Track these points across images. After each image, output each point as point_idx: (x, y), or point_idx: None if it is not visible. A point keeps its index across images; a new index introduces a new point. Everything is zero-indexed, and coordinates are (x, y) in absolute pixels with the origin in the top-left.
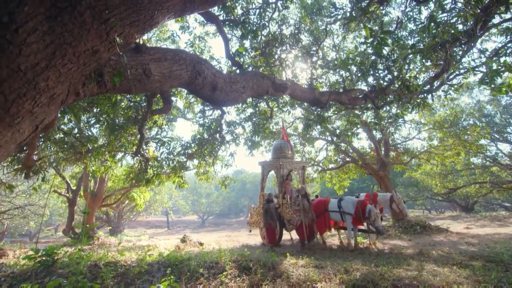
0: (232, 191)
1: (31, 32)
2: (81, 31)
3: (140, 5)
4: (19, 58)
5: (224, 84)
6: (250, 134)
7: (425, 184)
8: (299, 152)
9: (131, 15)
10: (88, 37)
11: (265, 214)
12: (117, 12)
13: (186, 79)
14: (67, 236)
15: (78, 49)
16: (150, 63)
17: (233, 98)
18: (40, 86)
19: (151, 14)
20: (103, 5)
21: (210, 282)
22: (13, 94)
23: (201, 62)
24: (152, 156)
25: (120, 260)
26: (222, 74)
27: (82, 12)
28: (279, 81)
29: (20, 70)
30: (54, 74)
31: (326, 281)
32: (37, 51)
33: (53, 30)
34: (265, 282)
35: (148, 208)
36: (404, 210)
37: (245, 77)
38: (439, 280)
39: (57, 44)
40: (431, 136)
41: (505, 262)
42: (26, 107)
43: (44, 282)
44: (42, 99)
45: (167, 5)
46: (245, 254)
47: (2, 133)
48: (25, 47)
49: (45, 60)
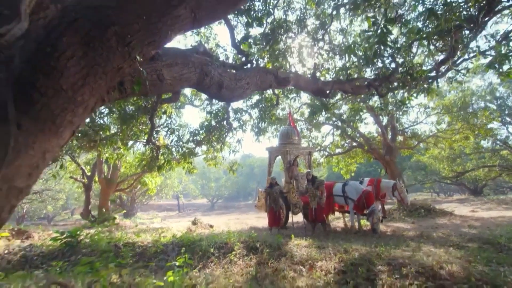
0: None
1: (69, 58)
2: (109, 54)
3: (156, 29)
4: (61, 80)
5: (230, 82)
6: (257, 120)
7: (433, 168)
8: (306, 137)
9: (148, 37)
10: (114, 57)
11: (268, 198)
12: (137, 36)
13: (195, 81)
14: (86, 219)
15: (106, 68)
16: (163, 69)
17: (238, 95)
18: (77, 101)
19: (165, 34)
20: (126, 31)
21: (221, 261)
22: (58, 109)
23: (208, 64)
24: (162, 144)
25: (137, 241)
26: (227, 73)
27: (109, 38)
28: (282, 75)
29: (62, 89)
30: (88, 89)
31: (327, 260)
32: (75, 73)
33: (87, 54)
34: (270, 261)
35: (160, 192)
36: (405, 199)
37: (249, 73)
38: (431, 260)
39: (90, 66)
40: (439, 120)
41: (501, 244)
42: (67, 118)
43: (71, 260)
44: (79, 111)
45: (178, 26)
46: (252, 235)
47: (51, 140)
48: (66, 71)
49: (81, 79)
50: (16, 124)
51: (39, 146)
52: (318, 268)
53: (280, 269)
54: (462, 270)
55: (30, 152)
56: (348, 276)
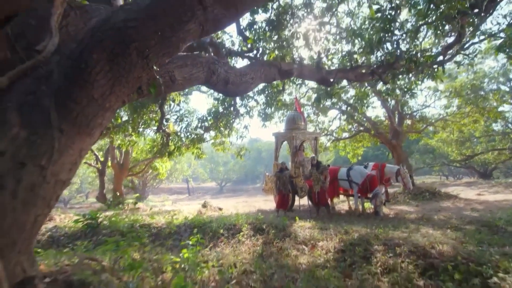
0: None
1: (98, 72)
2: (130, 66)
3: (169, 42)
4: (92, 91)
5: (235, 77)
6: (263, 106)
7: (441, 151)
8: (313, 121)
9: (163, 49)
10: (135, 69)
11: (278, 182)
12: (154, 49)
13: (203, 79)
14: (101, 203)
15: (128, 78)
16: (175, 70)
17: (244, 89)
18: (105, 107)
19: (177, 45)
20: (144, 47)
21: (230, 241)
22: (91, 114)
23: (215, 62)
24: (172, 131)
25: (152, 223)
26: (233, 69)
27: (130, 53)
28: (286, 67)
29: (94, 98)
30: (114, 97)
31: (328, 240)
32: (103, 84)
33: (112, 68)
34: (276, 241)
35: (170, 176)
36: (408, 184)
37: (253, 68)
38: (425, 240)
39: (115, 77)
40: (448, 104)
41: (498, 227)
42: (98, 122)
43: (93, 240)
44: (106, 114)
45: (188, 38)
46: (259, 217)
47: (85, 140)
48: (96, 83)
49: (108, 89)
50: (58, 129)
51: (77, 146)
52: (319, 248)
53: (284, 248)
54: (452, 250)
55: (70, 152)
56: (346, 255)
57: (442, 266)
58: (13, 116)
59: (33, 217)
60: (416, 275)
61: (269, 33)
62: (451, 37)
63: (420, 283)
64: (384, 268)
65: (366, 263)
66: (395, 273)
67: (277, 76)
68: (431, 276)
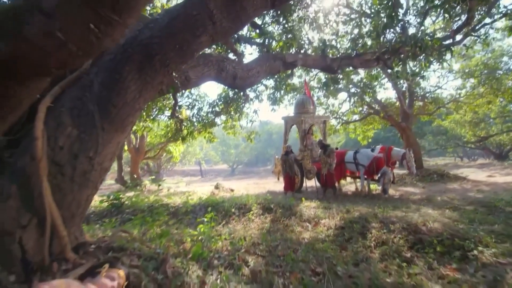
0: (259, 142)
1: (130, 80)
2: (154, 74)
3: (185, 53)
4: (126, 96)
5: (242, 72)
6: (272, 91)
7: (455, 133)
8: (323, 104)
9: (181, 59)
10: (158, 76)
11: (284, 165)
12: (173, 59)
13: (214, 76)
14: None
15: (153, 83)
16: (189, 70)
17: (250, 82)
18: (136, 108)
19: (192, 54)
20: (165, 58)
21: (240, 219)
22: (125, 115)
23: (224, 60)
24: (185, 117)
25: (169, 203)
26: (240, 65)
27: (155, 64)
28: (290, 58)
29: (127, 102)
30: (142, 99)
31: (330, 218)
32: (134, 90)
33: (140, 76)
34: (282, 219)
35: (183, 159)
36: (412, 168)
37: (259, 62)
38: (420, 219)
39: (143, 84)
40: (462, 85)
41: (497, 207)
42: (130, 120)
43: (118, 218)
44: (137, 114)
45: (202, 47)
46: (268, 198)
47: (121, 136)
48: (128, 89)
49: (138, 93)
50: (101, 128)
51: (115, 140)
52: (321, 225)
53: (290, 225)
54: (441, 227)
55: (110, 145)
56: (345, 231)
57: (429, 241)
58: (66, 118)
59: (85, 196)
60: (405, 248)
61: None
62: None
63: (407, 255)
64: (377, 242)
65: (362, 238)
66: (386, 246)
67: (282, 68)
68: (418, 249)
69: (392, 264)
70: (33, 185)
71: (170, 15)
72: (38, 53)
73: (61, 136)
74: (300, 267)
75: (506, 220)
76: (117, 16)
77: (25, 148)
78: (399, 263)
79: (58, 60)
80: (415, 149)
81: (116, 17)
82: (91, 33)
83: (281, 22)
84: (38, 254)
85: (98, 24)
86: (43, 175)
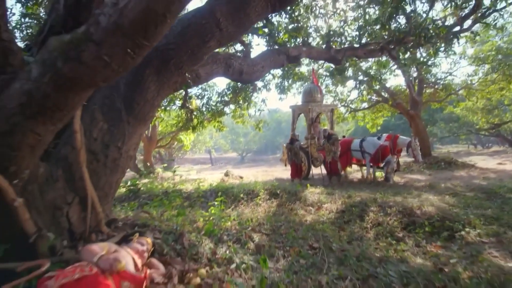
0: (268, 130)
1: (150, 82)
2: (170, 75)
3: (197, 56)
4: (147, 95)
5: (248, 68)
6: (280, 80)
7: (467, 120)
8: (331, 92)
9: (192, 61)
10: (173, 77)
11: (289, 153)
12: (186, 62)
13: (221, 72)
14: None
15: (169, 83)
16: (199, 69)
17: (256, 77)
18: (155, 104)
19: (202, 57)
20: (179, 62)
21: (248, 203)
22: (146, 111)
23: (230, 58)
24: (195, 107)
25: (182, 189)
26: (245, 61)
27: (170, 67)
28: (294, 52)
29: (148, 100)
30: (160, 97)
31: (332, 203)
32: (153, 90)
33: (158, 78)
34: (287, 203)
35: (193, 148)
36: (417, 156)
37: (263, 57)
38: (417, 203)
39: (161, 84)
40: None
41: (497, 194)
42: (150, 115)
43: (135, 202)
44: (155, 109)
45: (210, 50)
46: (274, 184)
47: (143, 128)
48: (149, 89)
49: (156, 92)
50: (127, 122)
51: (138, 132)
52: (324, 209)
53: (294, 209)
54: (435, 211)
55: (134, 136)
56: (345, 214)
57: (420, 222)
58: (98, 114)
59: (115, 179)
60: (399, 229)
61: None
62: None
63: (400, 235)
64: (373, 223)
65: (360, 220)
66: (381, 227)
67: (286, 62)
68: (410, 230)
69: (384, 242)
70: (74, 170)
71: (182, 24)
72: (90, 71)
73: (94, 129)
74: (300, 243)
75: (501, 205)
76: (147, 42)
77: (66, 140)
78: (390, 241)
79: (104, 76)
80: (424, 137)
81: (146, 43)
82: (128, 55)
83: (288, 12)
84: (81, 226)
85: (133, 48)
86: (82, 162)
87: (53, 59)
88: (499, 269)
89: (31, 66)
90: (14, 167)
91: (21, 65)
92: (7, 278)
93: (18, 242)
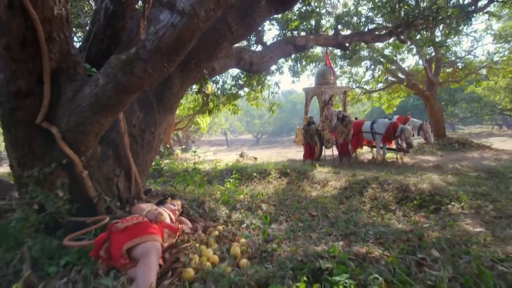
0: (283, 112)
1: (175, 79)
2: (191, 72)
3: (212, 55)
4: (173, 89)
5: (257, 59)
6: (293, 63)
7: (489, 100)
8: (346, 72)
9: (209, 60)
10: (193, 73)
11: (305, 135)
12: (204, 61)
13: (233, 65)
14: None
15: (190, 79)
16: (214, 63)
17: (265, 67)
18: (179, 96)
19: (216, 56)
20: (198, 61)
21: (261, 181)
22: (172, 102)
23: (241, 51)
24: (211, 92)
25: (201, 168)
26: (255, 53)
27: (191, 66)
28: (301, 42)
29: (173, 93)
30: (183, 90)
31: (337, 181)
32: (178, 85)
33: (182, 75)
34: (296, 181)
35: (209, 130)
36: (429, 139)
37: (271, 48)
38: (414, 181)
39: (184, 80)
40: (497, 48)
41: (500, 174)
42: (175, 106)
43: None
44: (179, 100)
45: (223, 50)
46: (285, 164)
47: (170, 117)
48: (174, 84)
49: (180, 87)
50: (158, 112)
51: (166, 119)
52: (329, 186)
53: (302, 186)
54: (428, 187)
55: (164, 123)
56: (347, 191)
57: (412, 197)
58: (136, 106)
59: (150, 158)
60: (393, 203)
61: None
62: None
63: (392, 207)
64: (370, 198)
65: (359, 196)
66: (376, 201)
67: (293, 51)
68: (402, 204)
69: (376, 213)
70: (120, 150)
71: None
72: (139, 80)
73: (133, 118)
74: (301, 212)
75: (497, 184)
76: (178, 57)
77: (113, 126)
78: (382, 213)
79: (149, 83)
80: (439, 118)
81: (178, 58)
82: (165, 67)
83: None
84: (126, 193)
85: (168, 63)
86: (126, 144)
87: (115, 72)
88: (465, 232)
89: (97, 76)
90: (83, 147)
91: (85, 73)
92: (79, 227)
93: (84, 203)
